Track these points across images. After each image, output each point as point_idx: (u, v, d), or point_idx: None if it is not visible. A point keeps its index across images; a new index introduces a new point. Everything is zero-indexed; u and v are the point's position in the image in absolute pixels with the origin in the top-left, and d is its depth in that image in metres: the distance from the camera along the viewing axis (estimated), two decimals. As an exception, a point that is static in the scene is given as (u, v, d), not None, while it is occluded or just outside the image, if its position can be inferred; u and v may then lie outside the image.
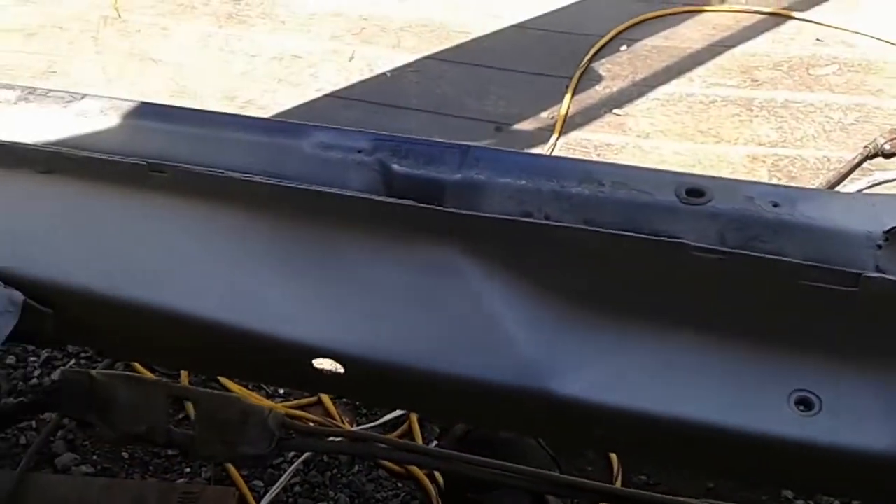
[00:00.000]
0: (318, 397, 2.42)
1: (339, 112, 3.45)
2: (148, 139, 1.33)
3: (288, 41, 3.89)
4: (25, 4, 4.05)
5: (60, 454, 2.22)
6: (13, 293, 1.19)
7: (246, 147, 1.32)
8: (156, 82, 3.56)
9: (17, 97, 1.38)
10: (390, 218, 1.24)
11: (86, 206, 1.29)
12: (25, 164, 1.31)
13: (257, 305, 1.24)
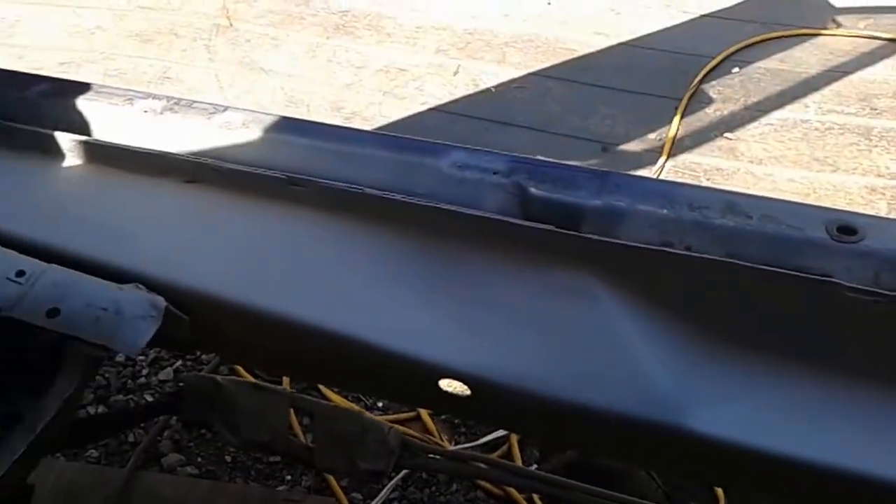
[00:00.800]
0: (417, 412, 2.44)
1: (443, 126, 3.48)
2: (287, 153, 1.36)
3: (393, 54, 3.94)
4: (142, 11, 4.19)
5: (167, 454, 2.28)
6: (156, 298, 1.22)
7: (382, 164, 1.35)
8: (266, 91, 3.64)
9: (164, 107, 1.43)
10: (526, 241, 1.25)
11: (227, 216, 1.33)
12: (171, 172, 1.35)
13: (388, 322, 1.25)
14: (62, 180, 1.39)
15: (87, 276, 1.25)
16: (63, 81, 1.51)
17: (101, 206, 1.36)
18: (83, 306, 1.20)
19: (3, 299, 1.21)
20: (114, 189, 1.37)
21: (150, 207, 1.35)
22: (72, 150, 1.38)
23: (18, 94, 1.49)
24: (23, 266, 1.25)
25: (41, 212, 1.36)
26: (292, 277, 1.28)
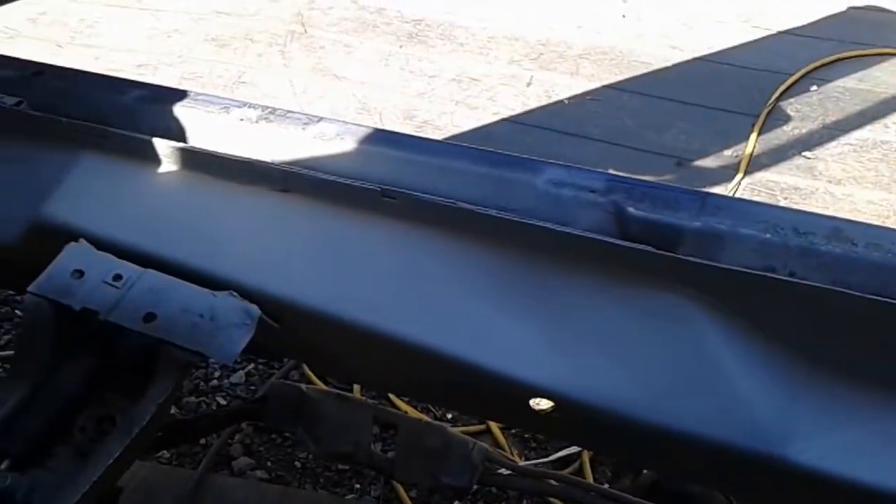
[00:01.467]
0: (487, 425, 2.43)
1: (516, 137, 3.47)
2: (381, 165, 1.36)
3: (466, 63, 3.94)
4: (219, 16, 4.24)
5: (237, 457, 2.30)
6: (250, 307, 1.23)
7: (476, 178, 1.34)
8: (339, 98, 3.66)
9: (259, 116, 1.43)
10: (623, 261, 1.23)
11: (319, 227, 1.33)
12: (265, 181, 1.36)
13: (480, 339, 1.24)
14: (158, 185, 1.40)
15: (182, 281, 1.26)
16: (160, 88, 1.52)
17: (195, 213, 1.37)
18: (179, 312, 1.21)
19: (101, 303, 1.22)
20: (208, 196, 1.38)
21: (243, 215, 1.36)
22: (168, 156, 1.40)
23: (116, 98, 1.51)
24: (119, 270, 1.26)
25: (137, 216, 1.37)
26: (384, 290, 1.28)
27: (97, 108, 1.49)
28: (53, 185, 1.42)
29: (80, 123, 1.44)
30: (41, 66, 1.58)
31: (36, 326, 1.23)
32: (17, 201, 1.44)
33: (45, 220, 1.39)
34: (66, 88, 1.53)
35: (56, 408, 1.21)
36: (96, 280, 1.25)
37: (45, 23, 4.28)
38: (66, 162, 1.44)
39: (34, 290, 1.24)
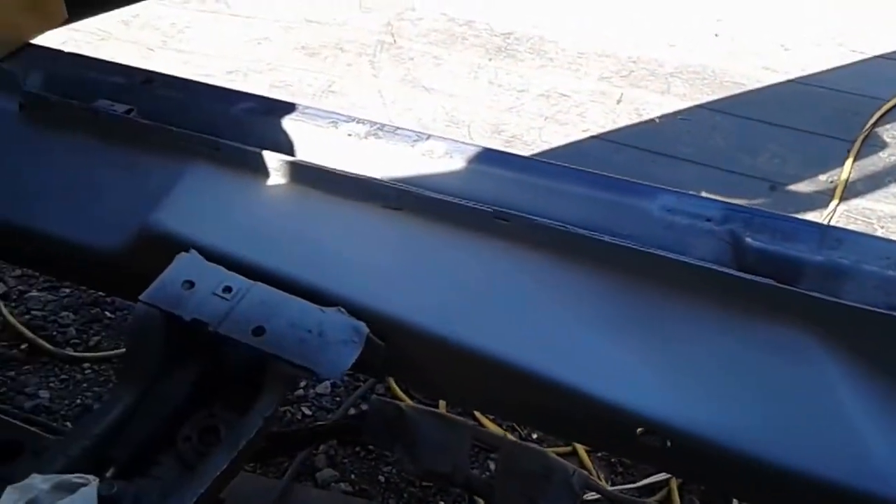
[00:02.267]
0: (574, 447, 2.40)
1: (606, 155, 3.43)
2: (491, 185, 1.35)
3: (555, 79, 3.91)
4: (309, 25, 4.29)
5: (321, 468, 2.30)
6: (359, 325, 1.23)
7: (588, 202, 1.32)
8: (427, 110, 3.66)
9: (367, 132, 1.44)
10: (739, 293, 1.20)
11: (429, 245, 1.32)
12: (374, 198, 1.36)
13: (586, 365, 1.22)
14: (267, 198, 1.41)
15: (290, 296, 1.26)
16: (269, 100, 1.54)
17: (304, 227, 1.37)
18: (288, 327, 1.22)
19: (211, 315, 1.23)
20: (317, 210, 1.39)
21: (352, 231, 1.36)
22: (277, 169, 1.41)
23: (225, 109, 1.53)
24: (229, 282, 1.27)
25: (246, 228, 1.38)
26: (492, 312, 1.27)
27: (206, 118, 1.51)
28: (162, 193, 1.44)
29: (190, 133, 1.45)
30: (150, 74, 1.60)
31: (146, 335, 1.24)
32: (126, 208, 1.46)
33: (154, 228, 1.40)
34: (176, 97, 1.56)
35: (162, 416, 1.22)
36: (206, 291, 1.26)
37: (137, 26, 4.37)
38: (175, 170, 1.46)
39: (146, 298, 1.25)
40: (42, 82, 1.59)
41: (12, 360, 2.69)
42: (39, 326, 2.81)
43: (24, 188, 1.54)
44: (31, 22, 1.64)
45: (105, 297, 2.90)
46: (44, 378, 2.64)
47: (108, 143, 1.51)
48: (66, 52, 1.66)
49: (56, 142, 1.54)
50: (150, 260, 1.42)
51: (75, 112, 1.51)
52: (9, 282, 3.01)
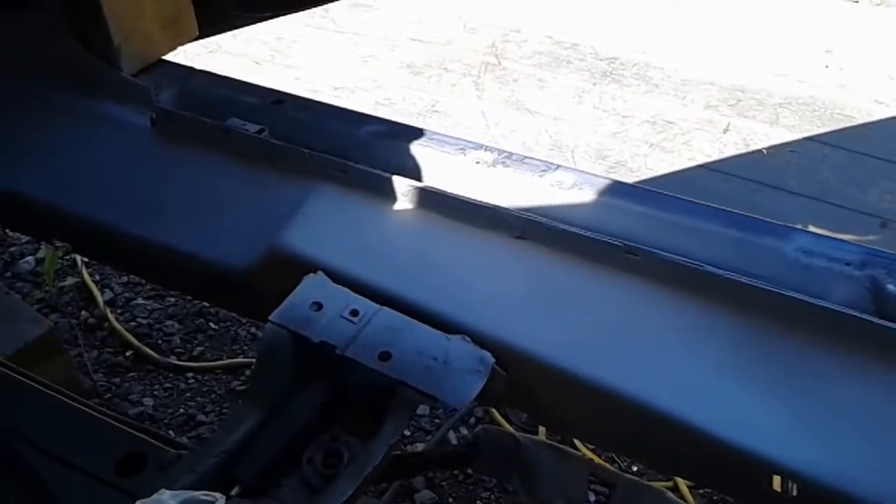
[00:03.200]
0: (675, 482, 2.36)
1: (712, 185, 3.38)
2: (620, 218, 1.34)
3: (661, 105, 3.88)
4: (414, 43, 4.33)
5: (420, 490, 2.30)
6: (484, 354, 1.22)
7: (721, 241, 1.30)
8: (531, 133, 3.66)
9: (495, 160, 1.44)
10: (878, 340, 1.16)
11: (555, 277, 1.32)
12: (501, 227, 1.36)
13: (716, 406, 1.20)
14: (394, 222, 1.42)
15: (416, 321, 1.27)
16: (396, 124, 1.55)
17: (430, 253, 1.38)
18: (414, 353, 1.22)
19: (338, 337, 1.24)
20: (443, 237, 1.39)
21: (478, 259, 1.36)
22: (405, 195, 1.41)
23: (353, 131, 1.55)
24: (356, 305, 1.28)
25: (372, 252, 1.39)
26: (618, 347, 1.25)
27: (334, 140, 1.53)
28: (290, 213, 1.46)
29: (319, 155, 1.47)
30: (281, 94, 1.63)
31: (275, 355, 1.25)
32: (255, 226, 1.48)
33: (282, 248, 1.42)
34: (305, 118, 1.58)
35: (287, 437, 1.23)
36: (334, 314, 1.27)
37: (245, 39, 4.46)
38: (303, 191, 1.48)
39: (276, 319, 1.27)
40: (174, 98, 1.63)
41: (118, 367, 2.77)
42: (145, 334, 2.88)
43: (153, 202, 1.58)
44: (164, 38, 1.69)
45: (209, 308, 2.96)
46: (148, 386, 2.70)
47: (238, 161, 1.54)
48: (197, 69, 1.70)
49: (187, 158, 1.57)
50: (275, 279, 1.44)
51: (207, 129, 1.54)
52: (115, 288, 3.09)
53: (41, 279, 3.10)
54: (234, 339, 2.87)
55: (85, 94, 1.66)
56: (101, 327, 2.91)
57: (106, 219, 1.59)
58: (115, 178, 1.62)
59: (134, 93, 1.63)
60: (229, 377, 2.72)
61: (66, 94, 1.67)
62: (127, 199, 1.60)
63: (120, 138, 1.63)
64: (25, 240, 3.29)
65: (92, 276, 3.10)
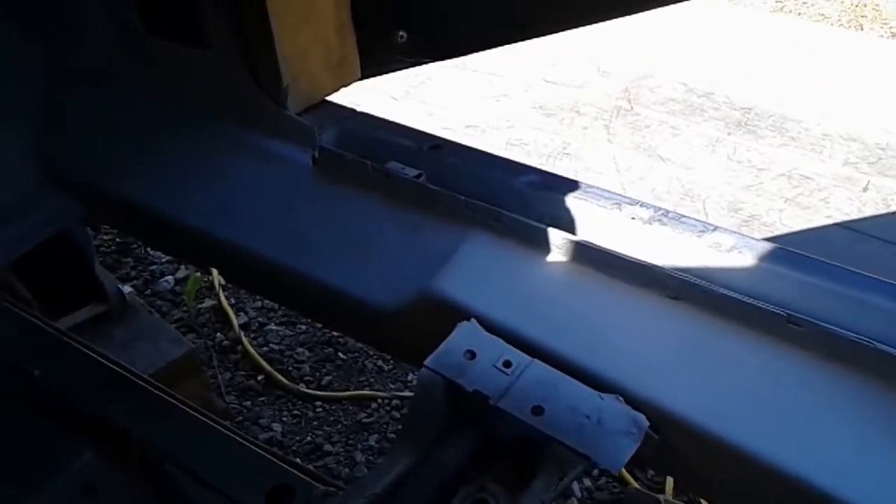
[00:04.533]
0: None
1: (848, 245, 3.28)
2: (782, 285, 1.30)
3: (798, 159, 3.79)
4: (547, 85, 4.34)
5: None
6: (638, 416, 1.20)
7: (887, 314, 1.25)
8: (662, 180, 3.62)
9: (651, 217, 1.42)
10: None
11: (711, 341, 1.29)
12: (656, 286, 1.34)
13: (874, 488, 1.15)
14: (546, 274, 1.42)
15: (568, 377, 1.26)
16: (551, 175, 1.55)
17: (582, 307, 1.37)
18: (567, 409, 1.21)
19: (491, 388, 1.24)
20: (595, 292, 1.38)
21: (631, 317, 1.34)
22: (559, 247, 1.41)
23: (507, 180, 1.55)
24: (509, 356, 1.28)
25: (524, 303, 1.39)
26: (775, 418, 1.22)
27: (489, 188, 1.54)
28: (443, 258, 1.47)
29: (475, 203, 1.48)
30: (438, 140, 1.65)
31: (429, 400, 1.26)
32: (407, 268, 1.50)
33: (434, 293, 1.43)
34: (461, 165, 1.59)
35: (436, 483, 1.23)
36: (487, 363, 1.27)
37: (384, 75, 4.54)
38: (456, 237, 1.49)
39: (431, 364, 1.27)
40: (335, 138, 1.67)
41: (249, 391, 2.83)
42: (276, 360, 2.95)
43: (309, 236, 1.62)
44: (329, 80, 1.73)
45: (339, 338, 3.01)
46: (277, 411, 2.75)
47: (395, 203, 1.56)
48: (358, 110, 1.74)
49: (345, 196, 1.61)
50: (425, 322, 1.46)
51: (367, 171, 1.57)
52: (249, 313, 3.17)
53: (180, 299, 3.21)
54: (361, 370, 2.90)
55: (252, 129, 1.71)
56: (234, 350, 2.99)
57: (260, 249, 1.63)
58: (273, 210, 1.66)
59: (298, 131, 1.67)
60: (356, 408, 2.76)
61: (234, 127, 1.73)
62: (283, 231, 1.64)
63: (281, 173, 1.68)
64: (166, 259, 3.41)
65: (228, 299, 3.19)
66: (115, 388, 1.49)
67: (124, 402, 1.46)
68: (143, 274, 3.36)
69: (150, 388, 1.51)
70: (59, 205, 1.80)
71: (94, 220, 1.92)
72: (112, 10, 1.79)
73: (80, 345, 1.54)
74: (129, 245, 3.46)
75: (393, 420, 2.73)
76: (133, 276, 3.34)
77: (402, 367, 2.91)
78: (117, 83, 1.89)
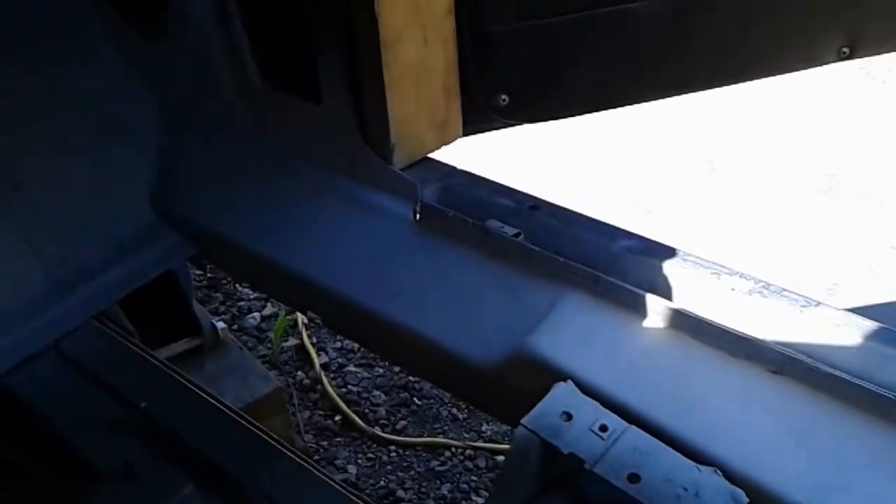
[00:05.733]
0: None
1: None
2: (886, 366, 1.25)
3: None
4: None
5: None
6: (737, 492, 1.16)
7: None
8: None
9: (751, 289, 1.38)
10: None
11: (812, 419, 1.24)
12: (756, 359, 1.30)
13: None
14: (643, 340, 1.39)
15: (665, 446, 1.22)
16: (650, 241, 1.52)
17: (680, 377, 1.33)
18: (663, 479, 1.17)
19: (587, 452, 1.21)
20: (693, 361, 1.34)
21: (730, 389, 1.30)
22: (657, 314, 1.38)
23: (605, 243, 1.53)
24: (606, 421, 1.25)
25: (621, 368, 1.36)
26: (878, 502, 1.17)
27: (586, 250, 1.52)
28: (539, 317, 1.45)
29: (573, 264, 1.46)
30: (537, 200, 1.64)
31: (523, 459, 1.24)
32: (503, 325, 1.49)
33: (530, 350, 1.41)
34: (559, 227, 1.57)
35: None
36: (583, 426, 1.24)
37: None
38: (553, 297, 1.47)
39: (527, 423, 1.25)
40: (437, 195, 1.67)
41: (327, 430, 2.83)
42: (353, 401, 2.94)
43: (406, 288, 1.62)
44: (432, 139, 1.74)
45: (415, 383, 2.99)
46: (353, 453, 2.74)
47: (494, 260, 1.55)
48: (458, 168, 1.74)
49: (445, 251, 1.60)
50: (519, 380, 1.44)
51: (468, 228, 1.56)
52: (330, 353, 3.18)
53: (265, 336, 3.23)
54: (435, 417, 2.88)
55: (358, 182, 1.73)
56: (314, 389, 2.99)
57: (360, 297, 1.64)
58: (375, 261, 1.67)
59: (401, 186, 1.68)
60: (429, 455, 2.73)
61: (341, 179, 1.75)
62: (383, 281, 1.65)
63: (384, 226, 1.68)
64: (254, 296, 3.45)
65: (310, 338, 3.20)
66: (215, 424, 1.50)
67: (224, 439, 1.46)
68: (232, 309, 3.39)
69: (248, 425, 1.52)
70: (171, 244, 1.84)
71: (203, 259, 1.95)
72: (234, 64, 1.83)
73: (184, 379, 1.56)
74: (219, 280, 3.50)
75: (466, 470, 2.70)
76: (221, 311, 3.37)
77: (476, 416, 2.87)
78: (231, 131, 1.92)
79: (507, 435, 2.80)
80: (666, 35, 1.75)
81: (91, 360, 1.68)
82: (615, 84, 1.81)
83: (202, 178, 1.92)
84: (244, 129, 1.91)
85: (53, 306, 1.70)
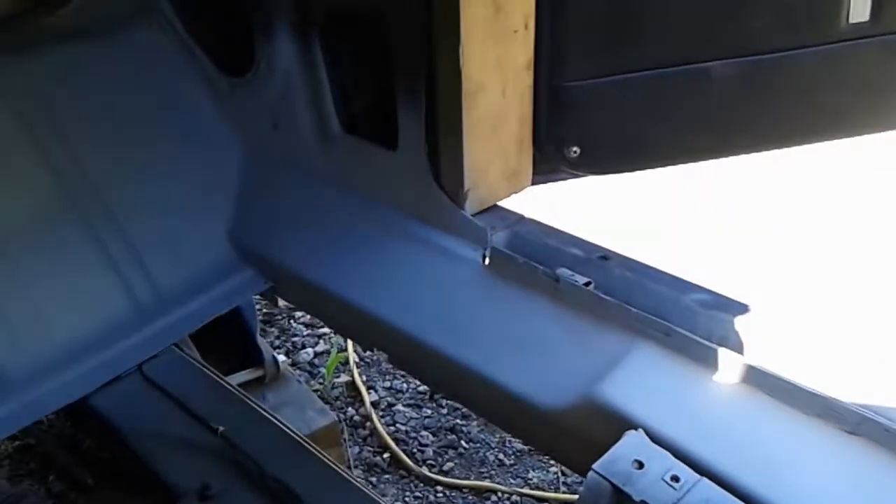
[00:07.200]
0: None
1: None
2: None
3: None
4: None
5: None
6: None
7: None
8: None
9: (826, 346, 1.35)
10: None
11: (888, 481, 1.19)
12: (831, 418, 1.26)
13: None
14: (714, 394, 1.35)
15: (737, 500, 1.18)
16: (721, 296, 1.49)
17: (751, 431, 1.29)
18: (736, 533, 1.13)
19: (659, 501, 1.17)
20: (766, 417, 1.30)
21: (804, 447, 1.25)
22: (729, 367, 1.34)
23: (676, 296, 1.49)
24: (677, 471, 1.21)
25: (692, 420, 1.32)
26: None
27: (657, 302, 1.49)
28: (610, 365, 1.42)
29: (644, 315, 1.43)
30: (607, 251, 1.61)
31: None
32: (572, 371, 1.46)
33: (599, 398, 1.38)
34: (630, 277, 1.54)
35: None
36: (655, 475, 1.20)
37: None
38: (624, 346, 1.44)
39: (599, 469, 1.21)
40: (506, 241, 1.65)
41: (375, 467, 2.78)
42: (402, 440, 2.90)
43: (476, 330, 1.60)
44: (503, 187, 1.72)
45: (462, 426, 2.95)
46: (400, 491, 2.69)
47: (563, 307, 1.52)
48: (526, 217, 1.72)
49: (514, 296, 1.58)
50: (586, 427, 1.40)
51: (537, 275, 1.54)
52: (380, 391, 3.15)
53: (317, 371, 3.21)
54: (482, 461, 2.83)
55: (430, 225, 1.72)
56: (363, 426, 2.96)
57: (430, 338, 1.62)
58: (445, 303, 1.65)
59: (472, 232, 1.66)
60: (475, 499, 2.68)
61: (414, 222, 1.74)
62: (450, 322, 1.63)
63: (454, 269, 1.67)
64: (307, 332, 3.43)
65: (360, 376, 3.17)
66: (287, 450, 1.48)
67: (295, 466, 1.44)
68: (286, 344, 3.38)
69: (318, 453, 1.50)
70: (246, 277, 1.84)
71: (275, 294, 1.94)
72: (315, 110, 1.84)
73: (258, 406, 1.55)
74: (274, 316, 3.50)
75: (512, 516, 2.65)
76: (277, 346, 3.36)
77: (523, 463, 2.82)
78: (308, 173, 1.93)
79: (552, 483, 2.75)
80: (736, 95, 1.73)
81: (172, 383, 1.69)
82: (685, 141, 1.79)
83: (278, 217, 1.92)
84: (321, 172, 1.92)
85: (138, 332, 1.71)
